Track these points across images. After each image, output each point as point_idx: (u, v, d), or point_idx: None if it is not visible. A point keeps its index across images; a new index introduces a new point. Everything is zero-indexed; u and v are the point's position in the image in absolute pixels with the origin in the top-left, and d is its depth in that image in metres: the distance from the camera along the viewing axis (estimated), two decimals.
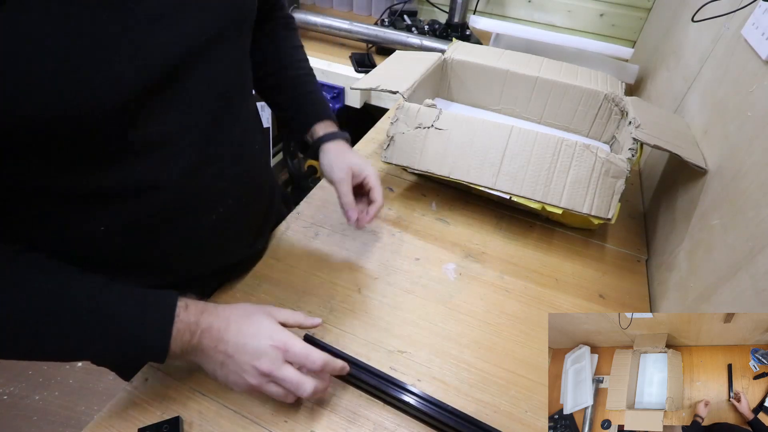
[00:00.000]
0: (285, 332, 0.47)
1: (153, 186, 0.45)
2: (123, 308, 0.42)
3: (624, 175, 0.69)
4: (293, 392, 0.46)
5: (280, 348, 0.45)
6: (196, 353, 0.45)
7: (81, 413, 1.37)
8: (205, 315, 0.45)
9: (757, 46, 0.61)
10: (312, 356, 0.46)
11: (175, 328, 0.43)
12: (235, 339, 0.45)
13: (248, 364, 0.44)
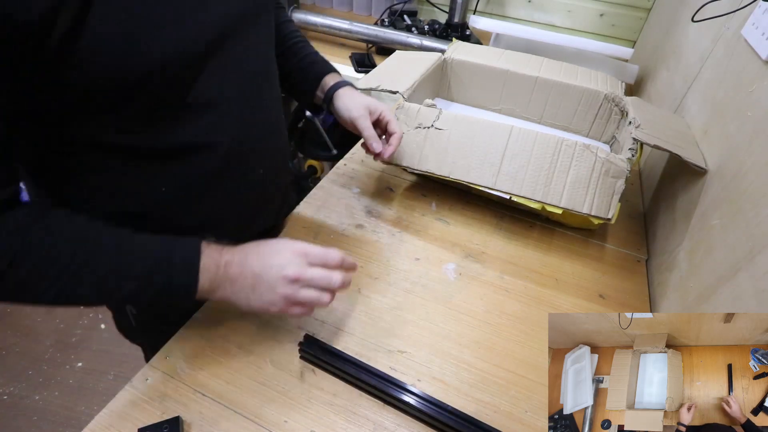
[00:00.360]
0: (299, 242, 0.50)
1: (208, 145, 0.51)
2: (154, 249, 0.46)
3: (624, 175, 0.69)
4: (326, 287, 0.49)
5: (301, 254, 0.49)
6: (225, 285, 0.48)
7: (81, 413, 1.37)
8: (224, 251, 0.49)
9: (757, 46, 0.61)
10: (330, 253, 0.50)
11: (202, 263, 0.46)
12: (259, 261, 0.49)
13: (277, 277, 0.48)
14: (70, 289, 0.42)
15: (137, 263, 0.44)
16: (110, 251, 0.44)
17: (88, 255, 0.42)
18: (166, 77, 0.43)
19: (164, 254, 0.46)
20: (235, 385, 0.53)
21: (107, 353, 1.52)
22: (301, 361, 0.56)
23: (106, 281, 0.43)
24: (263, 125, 0.58)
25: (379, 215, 0.79)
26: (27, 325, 1.60)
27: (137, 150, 0.47)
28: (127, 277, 0.44)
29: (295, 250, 0.49)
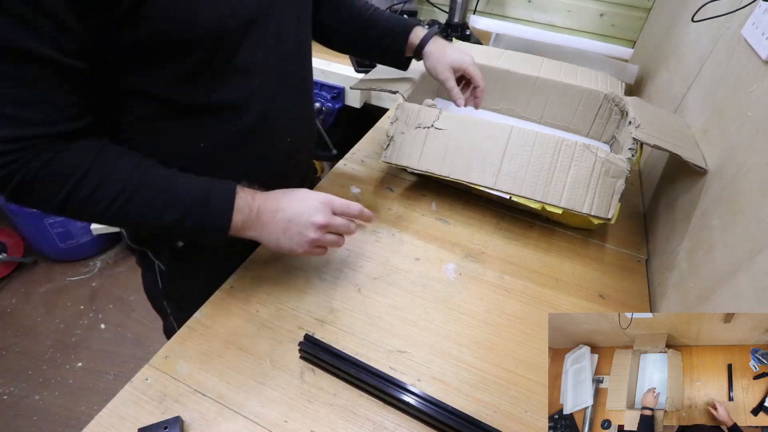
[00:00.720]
0: (324, 194, 0.57)
1: (244, 106, 0.57)
2: (196, 185, 0.52)
3: (624, 175, 0.69)
4: (345, 232, 0.58)
5: (328, 204, 0.56)
6: (256, 227, 0.54)
7: (81, 413, 1.37)
8: (257, 196, 0.54)
9: (757, 46, 0.61)
10: (351, 205, 0.58)
11: (236, 204, 0.52)
12: (290, 207, 0.55)
13: (307, 222, 0.54)
14: (124, 209, 0.48)
15: (180, 195, 0.51)
16: (159, 182, 0.50)
17: (140, 182, 0.49)
18: (215, 42, 0.49)
19: (204, 192, 0.52)
20: (235, 385, 0.53)
21: (107, 353, 1.52)
22: (301, 361, 0.56)
23: (152, 207, 0.50)
24: (293, 95, 0.64)
25: (379, 215, 0.79)
26: (27, 325, 1.60)
27: (184, 104, 0.53)
28: (170, 206, 0.50)
29: (322, 200, 0.56)
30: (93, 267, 1.82)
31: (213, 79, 0.53)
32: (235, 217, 0.52)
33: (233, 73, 0.54)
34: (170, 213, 0.50)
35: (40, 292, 1.71)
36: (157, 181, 0.50)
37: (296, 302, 0.63)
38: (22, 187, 0.45)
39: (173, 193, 0.51)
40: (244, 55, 0.53)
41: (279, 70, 0.59)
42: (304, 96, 0.68)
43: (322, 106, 1.42)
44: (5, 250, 1.73)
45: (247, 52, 0.53)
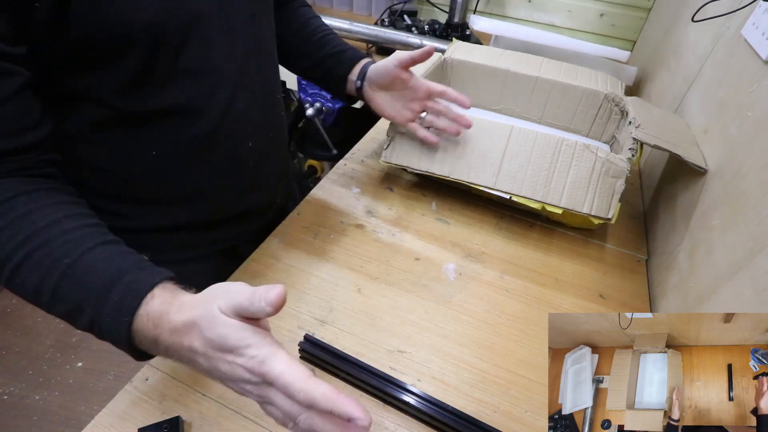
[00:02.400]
0: (253, 346, 0.34)
1: (200, 110, 0.53)
2: (99, 274, 0.38)
3: (624, 175, 0.69)
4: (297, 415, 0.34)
5: (255, 372, 0.33)
6: (174, 359, 0.38)
7: (81, 413, 1.37)
8: (163, 322, 0.36)
9: (757, 46, 0.61)
10: (294, 385, 0.32)
11: (135, 330, 0.37)
12: (204, 353, 0.35)
13: (232, 385, 0.36)
14: (13, 276, 0.38)
15: (72, 287, 0.38)
16: (54, 261, 0.38)
17: (33, 249, 0.38)
18: (154, 42, 0.45)
19: (99, 293, 0.37)
20: None
21: (107, 353, 1.52)
22: (301, 361, 0.56)
23: (38, 292, 0.38)
24: (254, 100, 0.59)
25: (379, 215, 0.79)
26: (27, 325, 1.60)
27: (131, 109, 0.49)
28: (59, 298, 0.38)
29: (248, 365, 0.33)
30: None
31: (158, 81, 0.49)
32: (136, 339, 0.37)
33: (181, 75, 0.50)
34: (58, 304, 0.38)
35: None
36: (60, 252, 0.38)
37: (296, 302, 0.63)
38: None
39: (71, 276, 0.38)
40: (191, 56, 0.50)
41: (236, 73, 0.55)
42: (268, 100, 0.63)
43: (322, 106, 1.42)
44: None
45: (193, 53, 0.50)
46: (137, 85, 0.48)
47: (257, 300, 0.33)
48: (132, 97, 0.48)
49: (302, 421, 0.33)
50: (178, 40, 0.48)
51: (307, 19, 0.75)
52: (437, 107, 0.73)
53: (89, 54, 0.43)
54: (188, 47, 0.49)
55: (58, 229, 0.39)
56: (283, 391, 0.33)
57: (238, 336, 0.34)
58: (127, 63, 0.45)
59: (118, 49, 0.44)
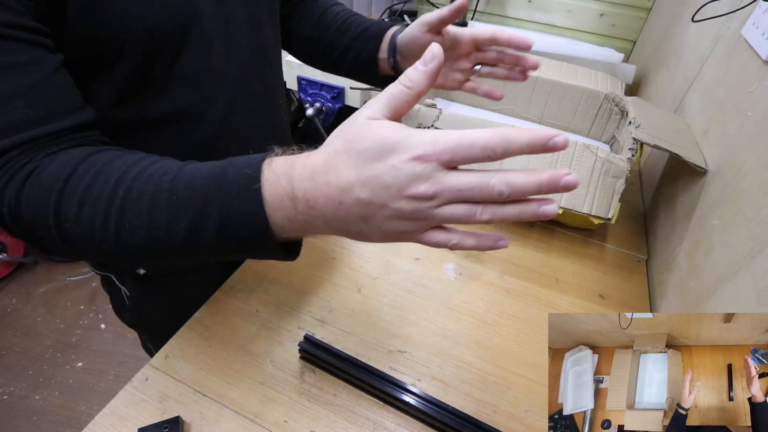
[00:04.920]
0: (416, 133, 0.29)
1: (200, 116, 0.51)
2: (207, 170, 0.35)
3: (624, 175, 0.69)
4: (487, 196, 0.30)
5: (427, 156, 0.29)
6: (315, 224, 0.33)
7: (81, 413, 1.37)
8: (296, 172, 0.32)
9: (757, 46, 0.61)
10: (476, 139, 0.31)
11: (265, 197, 0.32)
12: (363, 177, 0.30)
13: (401, 202, 0.29)
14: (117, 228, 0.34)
15: (185, 194, 0.34)
16: (156, 181, 0.35)
17: (135, 180, 0.35)
18: (149, 46, 0.44)
19: (216, 179, 0.33)
20: (235, 385, 0.53)
21: (107, 353, 1.52)
22: (301, 361, 0.56)
23: (153, 218, 0.34)
24: (255, 105, 0.57)
25: None
26: (27, 325, 1.60)
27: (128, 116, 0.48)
28: (176, 211, 0.34)
29: (414, 152, 0.29)
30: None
31: (155, 88, 0.48)
32: (272, 217, 0.32)
33: (179, 81, 0.49)
34: (179, 219, 0.34)
35: (40, 292, 1.72)
36: (157, 177, 0.35)
37: (296, 302, 0.63)
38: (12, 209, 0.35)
39: (176, 189, 0.34)
40: (188, 61, 0.48)
41: (236, 78, 0.54)
42: (269, 105, 0.61)
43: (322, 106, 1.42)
44: (5, 250, 1.73)
45: (191, 58, 0.48)
46: (133, 93, 0.47)
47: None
48: (128, 105, 0.47)
49: (497, 184, 0.30)
50: (174, 44, 0.47)
51: (326, 9, 0.71)
52: (490, 56, 0.62)
53: (83, 61, 0.42)
54: (185, 52, 0.48)
55: (146, 163, 0.36)
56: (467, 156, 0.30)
57: (396, 128, 0.29)
58: (122, 70, 0.44)
59: (113, 55, 0.43)
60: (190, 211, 0.33)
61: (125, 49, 0.43)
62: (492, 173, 0.30)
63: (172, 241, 0.34)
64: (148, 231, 0.34)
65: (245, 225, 0.33)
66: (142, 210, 0.34)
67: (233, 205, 0.32)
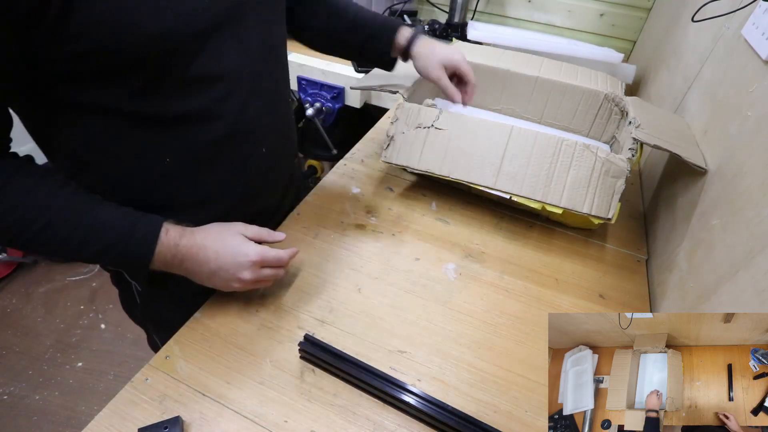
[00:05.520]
0: (256, 247, 0.55)
1: (212, 116, 0.53)
2: (117, 222, 0.50)
3: (624, 175, 0.69)
4: (273, 279, 0.58)
5: (258, 262, 0.55)
6: (180, 271, 0.54)
7: (81, 413, 1.37)
8: (183, 239, 0.52)
9: (757, 46, 0.61)
10: (282, 258, 0.57)
11: (158, 250, 0.50)
12: (216, 262, 0.53)
13: (233, 278, 0.54)
14: (36, 240, 0.46)
15: (98, 234, 0.49)
16: (77, 217, 0.48)
17: (52, 218, 0.46)
18: (164, 52, 0.46)
19: (123, 234, 0.49)
20: (235, 385, 0.53)
21: (107, 353, 1.52)
22: (301, 361, 0.56)
23: (68, 242, 0.47)
24: (266, 104, 0.60)
25: (379, 215, 0.79)
26: (27, 325, 1.60)
27: (144, 117, 0.50)
28: (86, 243, 0.48)
29: (252, 257, 0.54)
30: (93, 267, 1.82)
31: (173, 89, 0.49)
32: (155, 261, 0.51)
33: (196, 82, 0.51)
34: (88, 248, 0.48)
35: (40, 292, 1.71)
36: (78, 212, 0.48)
37: (296, 302, 0.63)
38: None
39: (94, 227, 0.48)
40: (206, 63, 0.50)
41: (249, 78, 0.55)
42: (279, 104, 0.64)
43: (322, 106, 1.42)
44: (5, 250, 1.73)
45: (208, 60, 0.50)
46: (149, 95, 0.48)
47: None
48: (143, 106, 0.49)
49: (282, 272, 0.59)
50: (189, 50, 0.48)
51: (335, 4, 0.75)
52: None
53: (98, 66, 0.44)
54: (200, 56, 0.49)
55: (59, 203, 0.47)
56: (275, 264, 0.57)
57: (247, 244, 0.55)
58: (137, 74, 0.46)
59: (128, 63, 0.44)
60: (98, 245, 0.49)
61: (139, 57, 0.44)
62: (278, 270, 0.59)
63: (74, 256, 0.49)
64: (62, 243, 0.47)
65: (136, 264, 0.51)
66: (60, 232, 0.47)
67: (132, 254, 0.50)
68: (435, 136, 0.75)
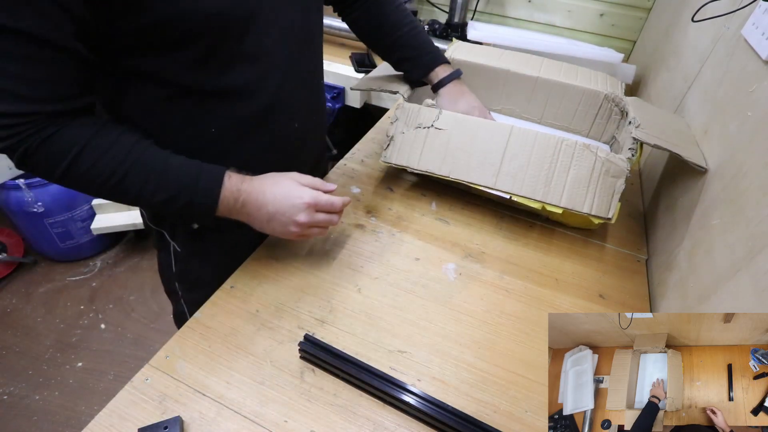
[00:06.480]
0: (310, 191, 0.59)
1: (257, 90, 0.59)
2: (186, 169, 0.55)
3: (624, 175, 0.69)
4: (329, 224, 0.62)
5: (312, 204, 0.59)
6: (242, 216, 0.59)
7: (81, 413, 1.37)
8: (244, 185, 0.57)
9: (757, 46, 0.61)
10: (335, 203, 0.61)
11: (222, 194, 0.55)
12: (274, 204, 0.58)
13: (290, 221, 0.58)
14: (119, 186, 0.52)
15: (172, 177, 0.54)
16: (152, 163, 0.53)
17: (135, 162, 0.52)
18: (221, 30, 0.52)
19: (193, 176, 0.55)
20: (235, 385, 0.53)
21: (107, 353, 1.52)
22: (301, 361, 0.56)
23: (143, 188, 0.53)
24: (301, 83, 0.66)
25: (379, 215, 0.79)
26: (27, 325, 1.60)
27: (194, 89, 0.56)
28: (160, 189, 0.53)
29: (307, 200, 0.58)
30: (93, 267, 1.82)
31: (222, 64, 0.55)
32: (220, 205, 0.56)
33: (242, 59, 0.56)
34: (161, 193, 0.54)
35: (40, 292, 1.71)
36: (151, 162, 0.53)
37: (296, 302, 0.63)
38: (25, 159, 0.49)
39: (166, 174, 0.54)
40: (251, 42, 0.56)
41: (287, 58, 0.61)
42: (313, 85, 0.70)
43: None
44: (5, 250, 1.73)
45: (253, 39, 0.56)
46: (202, 67, 0.54)
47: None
48: (196, 76, 0.55)
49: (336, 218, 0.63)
50: (240, 28, 0.54)
51: (385, 17, 0.80)
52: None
53: (161, 39, 0.50)
54: (248, 35, 0.55)
55: (141, 147, 0.53)
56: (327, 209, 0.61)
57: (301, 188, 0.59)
58: (194, 48, 0.52)
59: (188, 36, 0.50)
60: (170, 191, 0.54)
61: (196, 33, 0.50)
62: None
63: (149, 202, 0.54)
64: (138, 190, 0.53)
65: (203, 207, 0.56)
66: (137, 180, 0.52)
67: (199, 197, 0.55)
68: (435, 136, 0.75)
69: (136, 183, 0.52)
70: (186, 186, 0.54)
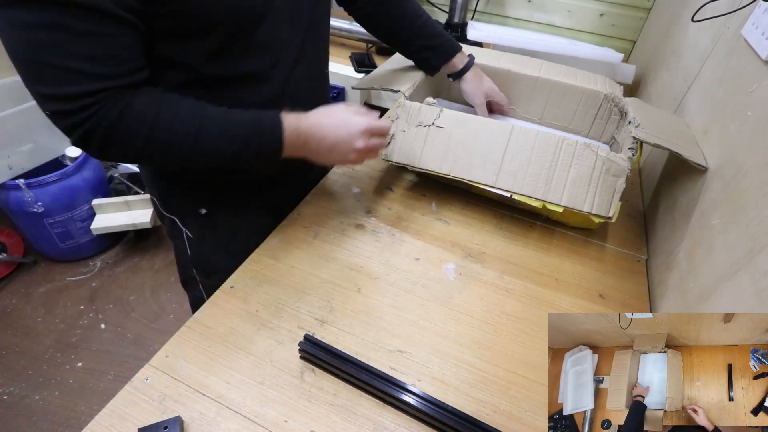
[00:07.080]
0: (364, 119, 0.64)
1: (267, 77, 0.63)
2: (247, 118, 0.58)
3: (624, 174, 0.69)
4: (380, 147, 0.68)
5: (367, 130, 0.64)
6: (304, 151, 0.62)
7: (81, 413, 1.37)
8: (302, 122, 0.61)
9: (757, 46, 0.61)
10: (384, 126, 0.67)
11: (285, 133, 0.59)
12: (334, 135, 0.62)
13: (349, 148, 0.63)
14: (194, 148, 0.55)
15: (236, 128, 0.57)
16: (218, 121, 0.56)
17: (202, 119, 0.55)
18: (235, 19, 0.56)
19: (256, 122, 0.58)
20: (235, 385, 0.53)
21: (107, 353, 1.52)
22: (301, 361, 0.56)
23: (217, 143, 0.56)
24: (309, 71, 0.70)
25: (379, 215, 0.79)
26: (27, 325, 1.60)
27: (211, 75, 0.59)
28: (232, 140, 0.57)
29: (362, 127, 0.63)
30: (93, 267, 1.82)
31: (239, 52, 0.59)
32: (285, 144, 0.59)
33: (257, 47, 0.60)
34: (233, 145, 0.57)
35: (40, 292, 1.71)
36: (215, 118, 0.56)
37: (296, 302, 0.63)
38: (106, 138, 0.51)
39: (231, 126, 0.57)
40: (266, 31, 0.59)
41: (296, 47, 0.65)
42: (320, 74, 0.75)
43: None
44: (5, 250, 1.73)
45: (266, 30, 0.59)
46: (219, 55, 0.58)
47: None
48: (214, 64, 0.58)
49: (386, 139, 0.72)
50: (255, 18, 0.58)
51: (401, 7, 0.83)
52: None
53: (182, 28, 0.53)
54: (262, 25, 0.59)
55: (203, 105, 0.56)
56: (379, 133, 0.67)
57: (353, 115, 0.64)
58: (213, 37, 0.55)
59: (207, 25, 0.54)
60: (239, 140, 0.57)
61: (216, 22, 0.54)
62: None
63: (223, 155, 0.57)
64: (212, 146, 0.56)
65: (272, 147, 0.60)
66: (209, 137, 0.56)
67: (267, 141, 0.59)
68: (436, 135, 0.75)
69: (208, 140, 0.55)
70: (252, 134, 0.57)
